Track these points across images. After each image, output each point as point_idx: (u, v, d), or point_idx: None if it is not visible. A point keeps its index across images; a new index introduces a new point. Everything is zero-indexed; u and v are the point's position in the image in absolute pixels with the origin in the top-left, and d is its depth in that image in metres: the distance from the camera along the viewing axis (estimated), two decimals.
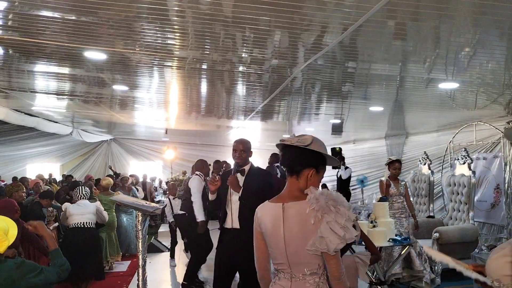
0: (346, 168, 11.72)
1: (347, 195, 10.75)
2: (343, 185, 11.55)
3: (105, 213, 6.03)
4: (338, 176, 11.85)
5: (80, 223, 5.59)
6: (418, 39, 3.77)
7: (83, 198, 5.82)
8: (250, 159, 4.15)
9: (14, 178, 13.45)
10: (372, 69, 4.90)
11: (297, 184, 2.12)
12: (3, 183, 11.22)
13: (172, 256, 7.89)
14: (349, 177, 11.70)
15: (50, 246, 2.96)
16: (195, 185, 5.89)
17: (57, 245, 3.06)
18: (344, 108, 7.76)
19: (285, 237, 2.06)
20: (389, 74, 5.12)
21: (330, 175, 13.61)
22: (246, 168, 4.06)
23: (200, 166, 6.38)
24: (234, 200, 3.95)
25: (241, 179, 4.00)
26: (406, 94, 6.27)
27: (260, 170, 4.29)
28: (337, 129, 10.90)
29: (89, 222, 5.65)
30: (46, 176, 14.27)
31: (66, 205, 5.84)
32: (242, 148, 4.02)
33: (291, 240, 2.05)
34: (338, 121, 9.36)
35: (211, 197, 4.06)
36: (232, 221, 3.94)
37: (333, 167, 11.59)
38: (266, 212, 2.18)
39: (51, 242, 2.99)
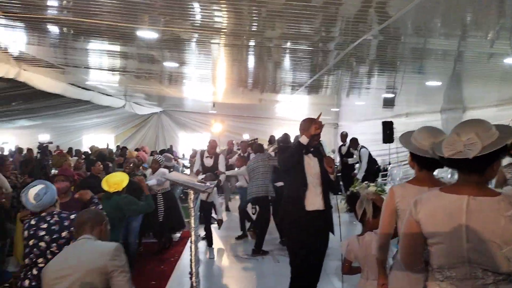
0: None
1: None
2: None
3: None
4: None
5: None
6: (480, 10, 3.50)
7: None
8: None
9: (70, 149, 14.20)
10: (429, 43, 4.64)
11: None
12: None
13: (210, 244, 6.63)
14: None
15: (146, 192, 4.79)
16: None
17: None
18: (397, 82, 7.46)
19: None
20: (447, 48, 4.83)
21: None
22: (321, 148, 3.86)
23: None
24: (314, 181, 3.75)
25: (315, 159, 3.80)
26: (465, 68, 5.91)
27: (320, 152, 3.94)
28: (388, 103, 10.52)
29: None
30: (103, 146, 14.90)
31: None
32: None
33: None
34: (390, 95, 9.02)
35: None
36: (315, 203, 3.74)
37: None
38: (408, 194, 2.25)
39: (146, 190, 4.83)
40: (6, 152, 12.97)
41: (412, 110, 12.74)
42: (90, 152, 12.86)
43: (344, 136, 10.76)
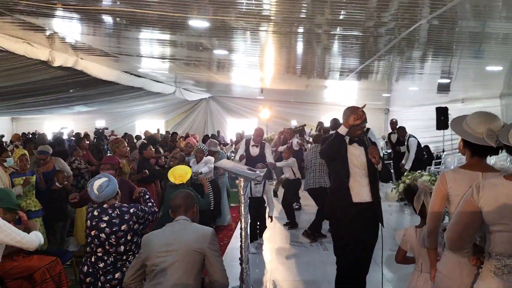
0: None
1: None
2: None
3: None
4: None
5: None
6: None
7: None
8: None
9: (125, 134, 14.75)
10: (489, 26, 4.38)
11: (484, 159, 2.21)
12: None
13: (252, 239, 6.11)
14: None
15: (205, 190, 5.16)
16: None
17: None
18: (452, 67, 7.12)
19: None
20: (509, 32, 4.54)
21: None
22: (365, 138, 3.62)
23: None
24: (360, 172, 3.62)
25: (361, 149, 3.64)
26: None
27: (371, 142, 3.73)
28: (443, 88, 10.08)
29: None
30: (154, 131, 15.38)
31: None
32: (365, 118, 3.57)
33: None
34: (446, 81, 8.63)
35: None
36: (361, 194, 3.61)
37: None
38: (461, 179, 2.27)
39: (206, 188, 5.20)
40: (65, 136, 13.65)
41: (469, 96, 12.16)
42: (144, 136, 13.29)
43: (394, 123, 10.39)
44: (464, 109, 12.53)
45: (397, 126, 10.11)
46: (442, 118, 10.67)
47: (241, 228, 4.20)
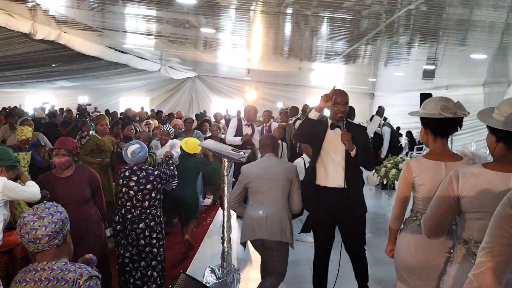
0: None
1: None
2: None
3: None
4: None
5: None
6: None
7: None
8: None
9: (107, 111, 14.57)
10: (476, 14, 4.40)
11: (446, 143, 2.53)
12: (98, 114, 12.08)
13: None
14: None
15: (210, 159, 5.63)
16: None
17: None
18: (438, 54, 7.17)
19: None
20: (494, 20, 4.57)
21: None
22: (341, 123, 3.53)
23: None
24: (336, 158, 3.55)
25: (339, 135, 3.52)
26: None
27: (356, 126, 3.76)
28: (428, 74, 10.16)
29: None
30: (138, 110, 15.21)
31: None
32: (346, 101, 3.53)
33: None
34: (431, 67, 8.70)
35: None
36: (334, 179, 3.56)
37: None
38: (425, 169, 2.51)
39: (211, 157, 5.63)
40: (46, 111, 13.42)
41: (453, 83, 12.28)
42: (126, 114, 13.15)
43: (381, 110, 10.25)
44: (448, 96, 12.64)
45: (378, 106, 10.18)
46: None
47: (223, 208, 4.23)
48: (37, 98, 18.13)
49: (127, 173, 3.90)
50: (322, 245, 3.80)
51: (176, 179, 4.74)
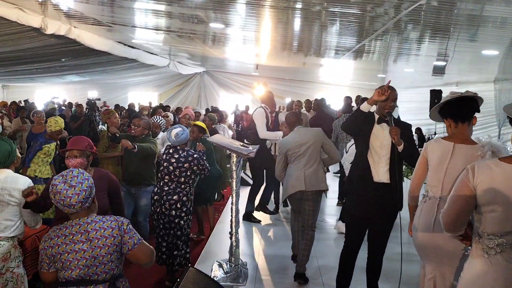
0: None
1: None
2: None
3: None
4: None
5: None
6: None
7: None
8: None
9: (116, 106, 14.64)
10: (487, 10, 4.35)
11: (467, 130, 2.66)
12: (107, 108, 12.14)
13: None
14: None
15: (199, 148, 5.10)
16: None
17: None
18: (449, 50, 7.10)
19: (447, 169, 2.61)
20: (507, 16, 4.52)
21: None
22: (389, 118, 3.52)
23: (266, 97, 6.13)
24: (382, 153, 3.54)
25: (387, 130, 3.50)
26: None
27: (402, 123, 3.74)
28: (439, 71, 10.08)
29: None
30: (146, 104, 15.28)
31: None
32: (395, 97, 3.55)
33: (452, 174, 2.52)
34: (441, 63, 8.62)
35: None
36: (380, 174, 3.54)
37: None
38: (437, 147, 2.73)
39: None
40: (56, 106, 13.51)
41: (463, 79, 12.17)
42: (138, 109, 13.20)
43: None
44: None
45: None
46: (435, 100, 10.67)
47: (232, 203, 4.25)
48: (47, 92, 18.24)
49: (170, 151, 4.40)
50: (353, 238, 3.75)
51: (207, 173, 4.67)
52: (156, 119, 6.02)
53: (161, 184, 4.37)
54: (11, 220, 3.09)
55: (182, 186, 4.32)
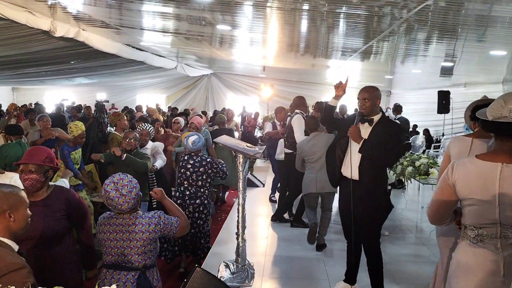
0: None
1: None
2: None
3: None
4: None
5: None
6: None
7: None
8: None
9: (125, 108, 14.73)
10: (495, 10, 4.33)
11: None
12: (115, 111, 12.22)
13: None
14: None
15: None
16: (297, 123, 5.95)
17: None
18: (456, 51, 7.07)
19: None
20: None
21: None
22: (376, 118, 3.65)
23: (300, 103, 6.40)
24: (354, 150, 3.68)
25: (368, 129, 3.66)
26: None
27: (390, 123, 3.83)
28: (446, 72, 10.03)
29: None
30: (154, 106, 15.36)
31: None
32: (366, 97, 3.63)
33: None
34: (449, 64, 8.59)
35: None
36: (352, 171, 3.69)
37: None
38: (457, 143, 2.79)
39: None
40: (65, 108, 13.63)
41: (471, 80, 12.10)
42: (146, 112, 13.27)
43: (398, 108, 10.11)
44: (466, 94, 12.50)
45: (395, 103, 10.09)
46: (443, 102, 10.63)
47: (238, 204, 4.26)
48: (57, 95, 18.41)
49: (185, 157, 4.77)
50: (345, 234, 4.01)
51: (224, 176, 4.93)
52: (145, 127, 5.56)
53: (182, 189, 4.72)
54: None
55: (202, 190, 4.70)
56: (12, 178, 3.15)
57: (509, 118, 1.97)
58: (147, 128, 5.55)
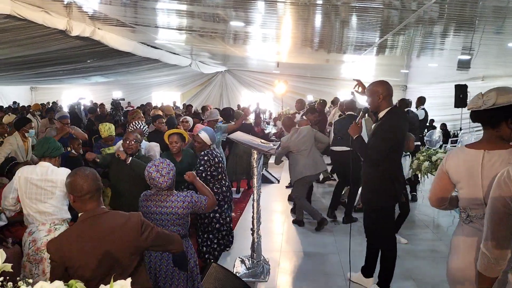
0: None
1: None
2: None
3: None
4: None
5: None
6: None
7: None
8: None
9: (141, 106, 14.86)
10: None
11: (494, 133, 2.23)
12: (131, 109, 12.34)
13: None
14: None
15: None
16: None
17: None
18: (474, 43, 6.94)
19: (482, 181, 2.22)
20: None
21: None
22: (381, 114, 3.63)
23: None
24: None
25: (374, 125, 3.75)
26: None
27: (386, 120, 3.61)
28: (463, 65, 9.86)
29: None
30: (171, 104, 15.45)
31: None
32: (369, 94, 3.69)
33: (489, 184, 2.14)
34: (466, 57, 8.44)
35: None
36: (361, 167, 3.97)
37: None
38: (461, 157, 2.47)
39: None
40: (82, 107, 13.81)
41: (489, 73, 11.89)
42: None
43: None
44: (484, 87, 12.20)
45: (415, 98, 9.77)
46: (460, 96, 10.46)
47: (253, 200, 4.27)
48: (74, 93, 18.67)
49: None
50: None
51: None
52: (139, 125, 5.30)
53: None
54: (60, 207, 3.43)
55: (215, 189, 4.52)
56: (49, 168, 3.45)
57: (482, 107, 2.15)
58: (141, 126, 5.26)
